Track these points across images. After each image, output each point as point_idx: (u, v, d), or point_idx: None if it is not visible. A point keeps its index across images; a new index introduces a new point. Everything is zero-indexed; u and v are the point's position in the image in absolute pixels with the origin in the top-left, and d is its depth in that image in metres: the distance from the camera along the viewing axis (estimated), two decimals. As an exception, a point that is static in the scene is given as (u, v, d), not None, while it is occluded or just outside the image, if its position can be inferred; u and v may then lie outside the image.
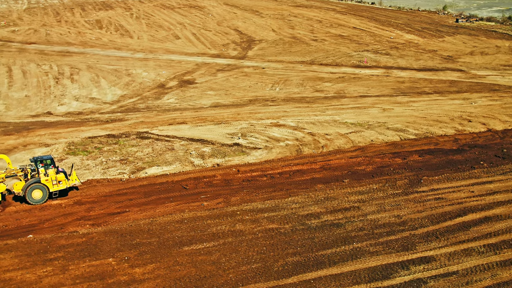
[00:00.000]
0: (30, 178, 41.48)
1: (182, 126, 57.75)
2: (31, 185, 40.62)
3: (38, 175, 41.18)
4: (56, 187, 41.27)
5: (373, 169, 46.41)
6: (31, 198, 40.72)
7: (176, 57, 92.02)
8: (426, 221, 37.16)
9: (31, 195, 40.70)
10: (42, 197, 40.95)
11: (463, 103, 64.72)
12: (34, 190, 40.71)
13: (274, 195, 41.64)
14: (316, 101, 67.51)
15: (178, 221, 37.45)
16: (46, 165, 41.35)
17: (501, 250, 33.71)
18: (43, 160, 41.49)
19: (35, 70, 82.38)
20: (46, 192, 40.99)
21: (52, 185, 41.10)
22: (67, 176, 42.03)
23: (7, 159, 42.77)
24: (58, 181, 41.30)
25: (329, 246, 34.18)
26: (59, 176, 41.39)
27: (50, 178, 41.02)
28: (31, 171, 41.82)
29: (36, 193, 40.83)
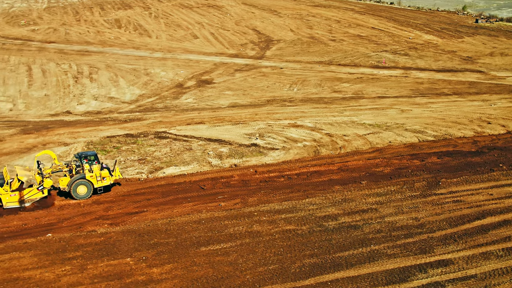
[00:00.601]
0: (74, 174, 42.19)
1: (200, 126, 57.90)
2: (76, 181, 41.57)
3: (83, 171, 41.94)
4: (100, 183, 42.13)
5: (391, 171, 46.25)
6: (76, 194, 41.68)
7: (194, 56, 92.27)
8: (445, 223, 36.95)
9: (76, 191, 41.66)
10: (87, 192, 41.89)
11: (482, 105, 64.29)
12: (79, 186, 41.66)
13: (291, 196, 41.63)
14: (334, 101, 67.40)
15: (195, 222, 37.56)
16: (90, 161, 42.14)
17: (520, 254, 33.47)
18: (87, 156, 42.28)
19: (55, 69, 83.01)
20: (91, 188, 41.94)
21: (96, 181, 41.96)
22: (111, 172, 42.77)
23: (53, 155, 43.55)
24: (102, 177, 42.16)
25: (346, 248, 34.11)
26: (103, 172, 42.21)
27: (95, 174, 41.85)
28: (76, 167, 42.52)
29: (81, 189, 41.79)
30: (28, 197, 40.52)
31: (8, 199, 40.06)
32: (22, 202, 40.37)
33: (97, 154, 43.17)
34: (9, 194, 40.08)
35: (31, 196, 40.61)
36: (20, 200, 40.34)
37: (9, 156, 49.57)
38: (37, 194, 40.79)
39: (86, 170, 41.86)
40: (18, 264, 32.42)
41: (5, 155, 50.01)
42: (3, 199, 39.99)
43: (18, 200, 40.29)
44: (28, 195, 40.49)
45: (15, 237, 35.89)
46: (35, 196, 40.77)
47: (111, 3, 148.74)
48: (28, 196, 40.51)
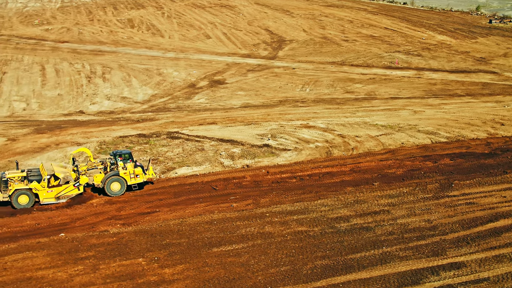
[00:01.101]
0: (109, 171, 43.16)
1: (212, 126, 58.02)
2: (110, 178, 42.48)
3: (117, 168, 42.93)
4: (133, 181, 43.07)
5: (404, 172, 46.13)
6: (109, 190, 42.57)
7: (207, 56, 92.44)
8: (457, 226, 36.79)
9: (110, 187, 42.56)
10: (120, 189, 42.82)
11: (496, 106, 63.99)
12: (112, 182, 42.57)
13: (303, 197, 41.61)
14: (347, 102, 67.32)
15: (207, 222, 37.62)
16: (124, 159, 43.27)
17: (533, 257, 33.26)
18: (122, 154, 43.51)
19: (68, 69, 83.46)
20: (124, 184, 42.87)
21: (130, 178, 42.90)
22: (144, 171, 43.55)
23: (88, 152, 44.81)
24: (136, 175, 43.05)
25: (358, 250, 34.03)
26: (137, 170, 43.15)
27: (128, 172, 42.80)
28: (111, 164, 43.66)
29: (115, 186, 42.68)
30: (64, 194, 41.66)
31: (45, 195, 41.09)
32: (58, 198, 41.42)
33: (131, 153, 44.41)
34: (46, 191, 41.08)
35: (67, 193, 41.72)
36: (56, 196, 41.38)
37: (22, 156, 49.87)
38: (73, 190, 41.85)
39: (120, 167, 42.93)
40: (31, 264, 32.60)
41: (18, 154, 50.32)
42: (40, 195, 40.98)
43: (54, 196, 41.34)
44: (64, 192, 41.60)
45: (28, 237, 36.11)
46: (71, 193, 41.85)
47: (124, 3, 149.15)
48: (65, 192, 41.64)
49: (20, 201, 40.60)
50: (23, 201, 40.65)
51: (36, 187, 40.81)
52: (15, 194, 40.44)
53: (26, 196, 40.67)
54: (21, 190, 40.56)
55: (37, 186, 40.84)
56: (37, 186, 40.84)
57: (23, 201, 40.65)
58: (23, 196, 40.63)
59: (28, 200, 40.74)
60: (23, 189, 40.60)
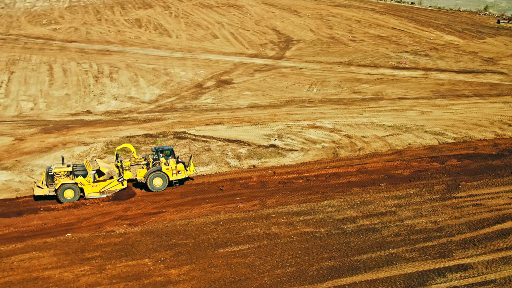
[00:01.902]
0: (151, 167, 44.00)
1: (219, 126, 58.03)
2: (152, 173, 43.45)
3: (159, 164, 43.80)
4: (175, 176, 44.02)
5: (411, 173, 46.01)
6: (152, 185, 43.59)
7: (214, 56, 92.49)
8: (464, 227, 36.66)
9: (152, 183, 43.56)
10: (162, 184, 43.77)
11: (504, 107, 63.75)
12: (155, 178, 43.56)
13: (309, 198, 41.56)
14: (354, 102, 67.22)
15: (213, 223, 37.62)
16: (166, 155, 44.31)
17: (540, 259, 33.10)
18: (164, 150, 44.60)
19: (75, 69, 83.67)
20: (166, 180, 43.81)
21: (172, 174, 43.84)
22: (186, 167, 44.31)
23: (132, 148, 45.78)
24: (178, 171, 43.99)
25: (364, 251, 33.97)
26: (178, 166, 44.05)
27: (171, 168, 43.74)
28: (153, 160, 44.48)
29: (157, 181, 43.67)
30: (108, 188, 42.62)
31: (90, 190, 42.12)
32: (102, 193, 42.41)
33: (173, 149, 45.39)
34: (91, 185, 42.11)
35: (111, 188, 42.69)
36: (101, 191, 42.36)
37: (30, 156, 50.00)
38: (117, 185, 42.82)
39: (162, 163, 43.81)
40: (37, 264, 32.69)
41: (26, 154, 50.46)
42: (85, 189, 42.01)
43: (99, 191, 42.33)
44: (109, 187, 42.57)
45: (35, 237, 36.23)
46: (115, 188, 42.82)
47: (132, 3, 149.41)
48: (109, 187, 42.62)
49: (66, 195, 41.57)
50: (69, 195, 41.64)
51: (81, 181, 41.88)
52: (61, 189, 41.39)
53: (72, 191, 41.70)
54: (68, 184, 41.59)
55: (82, 181, 41.90)
56: (83, 180, 41.90)
57: (69, 195, 41.64)
58: (69, 191, 41.64)
59: (74, 194, 41.77)
60: (69, 183, 41.65)
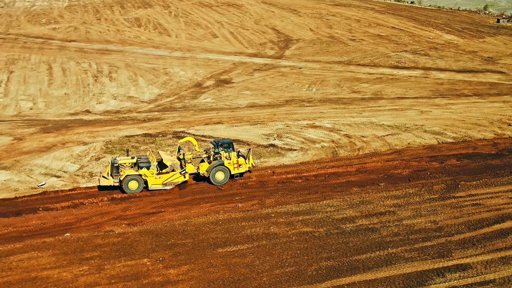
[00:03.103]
0: (212, 160, 44.82)
1: (218, 126, 57.97)
2: (215, 167, 44.12)
3: (221, 158, 44.67)
4: (236, 170, 44.85)
5: (410, 173, 45.97)
6: (214, 179, 44.30)
7: (213, 56, 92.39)
8: (463, 227, 36.64)
9: (215, 176, 44.25)
10: (224, 178, 44.52)
11: (503, 106, 63.69)
12: (217, 171, 44.27)
13: (309, 197, 41.52)
14: (353, 102, 67.16)
15: (212, 223, 37.59)
16: (225, 148, 45.02)
17: (539, 259, 33.06)
18: (223, 144, 45.20)
19: (75, 68, 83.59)
20: (228, 174, 44.60)
21: (233, 168, 44.60)
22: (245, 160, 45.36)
23: (194, 141, 46.76)
24: (239, 164, 44.77)
25: (363, 251, 33.94)
26: (240, 159, 44.87)
27: (232, 161, 44.51)
28: (214, 154, 45.23)
29: (219, 175, 44.43)
30: (171, 181, 43.50)
31: (153, 181, 43.08)
32: (165, 185, 43.33)
33: (232, 142, 46.02)
34: (155, 177, 43.07)
35: (174, 180, 43.56)
36: (163, 183, 43.25)
37: (29, 155, 49.95)
38: (179, 178, 43.67)
39: (224, 157, 44.53)
40: (36, 264, 32.66)
41: (25, 154, 50.40)
42: (149, 181, 43.00)
43: (162, 182, 43.24)
44: (171, 179, 43.46)
45: (34, 237, 36.17)
46: (178, 180, 43.69)
47: (131, 2, 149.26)
48: (172, 179, 43.48)
49: (130, 186, 42.69)
50: (133, 186, 42.74)
51: (145, 173, 42.82)
52: (126, 180, 42.45)
53: (136, 182, 42.78)
54: (132, 176, 42.66)
55: (146, 173, 42.86)
56: (147, 172, 42.87)
57: (133, 186, 42.74)
58: (133, 182, 42.73)
59: (138, 185, 42.85)
60: (134, 175, 42.71)
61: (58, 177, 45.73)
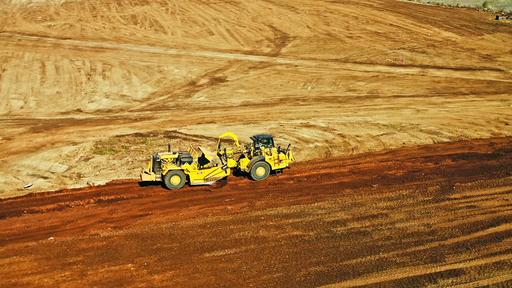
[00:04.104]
0: (252, 156, 44.84)
1: (210, 125, 57.08)
2: (256, 163, 43.97)
3: (261, 153, 44.69)
4: (277, 166, 44.63)
5: (404, 174, 45.04)
6: (255, 175, 44.22)
7: (209, 53, 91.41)
8: (457, 230, 35.73)
9: (255, 172, 44.15)
10: (265, 174, 44.46)
11: (501, 105, 62.70)
12: (258, 167, 44.11)
13: (300, 199, 40.63)
14: (349, 101, 66.19)
15: (200, 226, 36.72)
16: (264, 143, 44.96)
17: (535, 264, 32.13)
18: (263, 139, 45.14)
19: (68, 66, 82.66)
20: (268, 169, 44.45)
21: (273, 164, 44.40)
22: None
23: (234, 137, 46.99)
24: (279, 160, 44.57)
25: (354, 256, 33.04)
26: (280, 155, 44.72)
27: (273, 157, 44.30)
28: (254, 149, 45.10)
29: (260, 170, 44.29)
30: (212, 176, 43.55)
31: (195, 176, 43.10)
32: (207, 180, 43.40)
33: (272, 138, 45.78)
34: (196, 172, 43.07)
35: (215, 175, 43.60)
36: (205, 178, 43.33)
37: (17, 156, 49.11)
38: (221, 173, 43.73)
39: (264, 152, 44.51)
40: (17, 269, 31.80)
41: (13, 154, 49.56)
42: (191, 176, 42.99)
43: (203, 178, 43.30)
44: (213, 174, 43.52)
45: (17, 240, 35.31)
46: (219, 175, 43.73)
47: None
48: (213, 174, 43.55)
49: (172, 181, 42.71)
50: (175, 181, 42.77)
51: (187, 168, 42.76)
52: (168, 175, 42.47)
53: (178, 177, 42.78)
54: (174, 171, 42.63)
55: (188, 168, 42.79)
56: (189, 167, 42.80)
57: (175, 181, 42.77)
58: (175, 177, 42.74)
59: (180, 180, 42.87)
60: (176, 170, 42.67)
61: (45, 178, 44.85)
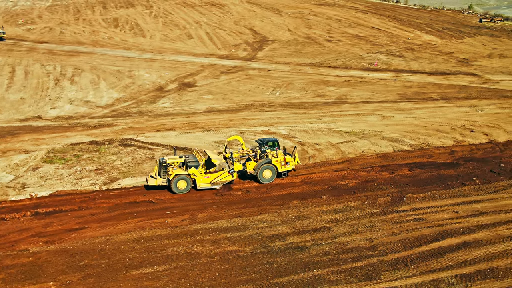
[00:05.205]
0: (259, 159, 44.47)
1: (170, 132, 55.77)
2: (263, 165, 43.72)
3: (267, 156, 44.46)
4: (284, 168, 44.37)
5: (356, 184, 43.69)
6: (261, 178, 43.95)
7: (183, 58, 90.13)
8: (399, 245, 34.39)
9: (262, 175, 43.87)
10: (271, 176, 44.16)
11: (469, 111, 61.34)
12: (265, 170, 43.86)
13: (244, 212, 39.29)
14: (315, 106, 64.82)
15: (134, 241, 35.38)
16: (270, 146, 44.78)
17: (473, 282, 30.73)
18: (269, 142, 45.06)
19: (38, 71, 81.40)
20: (275, 172, 44.17)
21: (280, 166, 44.13)
22: None
23: (241, 140, 46.72)
24: (286, 162, 44.31)
25: (287, 273, 31.68)
26: (287, 157, 44.45)
27: (279, 159, 44.04)
28: (261, 152, 44.87)
29: (266, 173, 44.01)
30: (219, 180, 43.13)
31: (202, 180, 42.68)
32: (213, 184, 42.96)
33: (278, 140, 45.63)
34: (203, 176, 42.68)
35: (222, 179, 43.19)
36: (212, 182, 42.87)
37: (-36, 165, 47.77)
38: (227, 177, 43.34)
39: (270, 155, 44.36)
40: None
41: (-40, 163, 48.23)
42: (198, 180, 42.59)
43: (210, 182, 42.84)
44: (219, 178, 43.09)
45: None
46: (226, 179, 43.34)
47: (115, 1, 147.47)
48: (220, 178, 43.11)
49: (179, 186, 42.32)
50: (181, 186, 42.38)
51: (194, 172, 42.42)
52: (174, 179, 42.06)
53: (184, 182, 42.41)
54: (181, 175, 42.28)
55: (195, 172, 42.46)
56: (195, 172, 42.47)
57: (181, 186, 42.38)
58: (182, 182, 42.35)
59: (186, 185, 42.47)
60: (182, 174, 42.34)
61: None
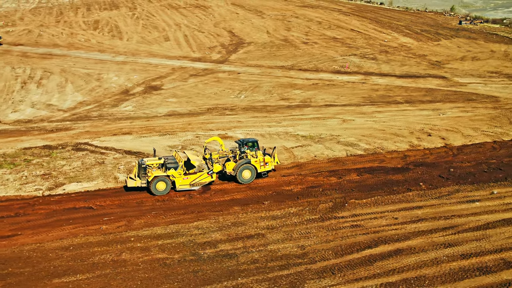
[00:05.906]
0: (238, 159, 44.57)
1: (126, 136, 55.29)
2: (242, 166, 43.86)
3: (246, 157, 44.49)
4: (263, 168, 44.60)
5: (301, 190, 43.20)
6: (241, 178, 44.07)
7: (155, 60, 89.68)
8: (330, 253, 33.90)
9: (242, 175, 43.99)
10: (251, 177, 44.31)
11: (431, 115, 60.86)
12: (244, 170, 44.01)
13: (181, 218, 38.81)
14: (278, 110, 64.33)
15: (63, 248, 34.89)
16: (250, 147, 44.87)
17: (397, 291, 30.30)
18: (248, 143, 45.11)
19: (7, 74, 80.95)
20: (254, 172, 44.34)
21: (259, 166, 44.32)
22: None
23: (220, 141, 46.67)
24: (265, 163, 44.56)
25: (210, 282, 31.20)
26: (266, 157, 44.66)
27: (259, 160, 44.24)
28: (240, 153, 44.95)
29: (246, 173, 44.15)
30: (198, 181, 43.21)
31: (181, 182, 42.77)
32: (192, 185, 43.03)
33: (257, 141, 45.78)
34: (182, 178, 42.71)
35: (201, 180, 43.30)
36: (191, 183, 42.94)
37: None
38: (207, 178, 43.46)
39: (250, 155, 44.40)
40: None
41: None
42: (177, 182, 42.68)
43: (189, 183, 42.92)
44: (199, 179, 43.17)
45: None
46: (205, 180, 43.47)
47: (100, 3, 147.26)
48: (199, 180, 43.19)
49: (158, 187, 42.28)
50: (161, 187, 42.34)
51: (173, 174, 42.46)
52: (154, 181, 42.02)
53: (164, 183, 42.37)
54: (160, 177, 42.23)
55: (174, 173, 42.48)
56: (175, 173, 42.49)
57: (161, 187, 42.34)
58: (161, 183, 42.31)
59: (165, 186, 42.44)
60: (162, 176, 42.29)
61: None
